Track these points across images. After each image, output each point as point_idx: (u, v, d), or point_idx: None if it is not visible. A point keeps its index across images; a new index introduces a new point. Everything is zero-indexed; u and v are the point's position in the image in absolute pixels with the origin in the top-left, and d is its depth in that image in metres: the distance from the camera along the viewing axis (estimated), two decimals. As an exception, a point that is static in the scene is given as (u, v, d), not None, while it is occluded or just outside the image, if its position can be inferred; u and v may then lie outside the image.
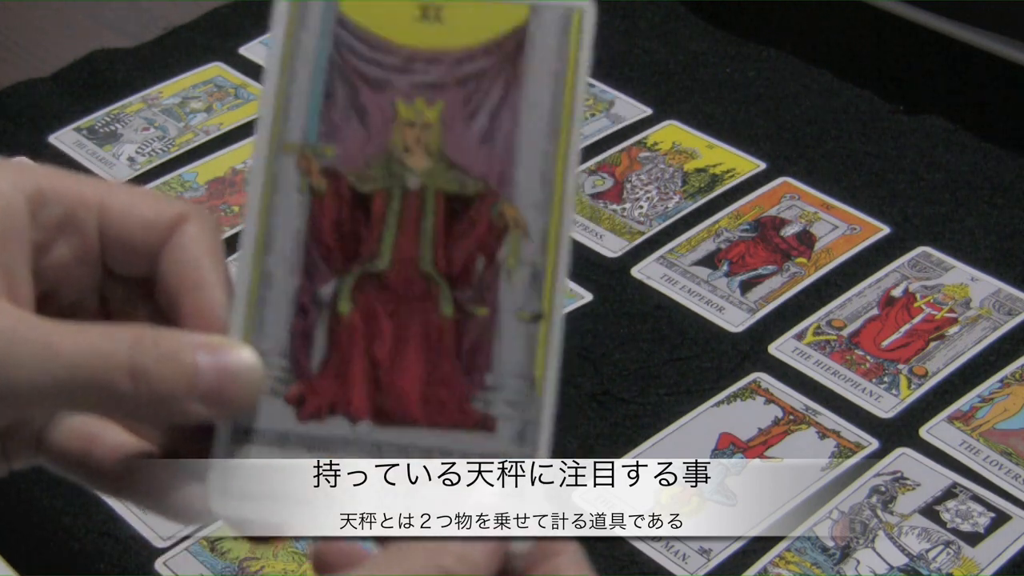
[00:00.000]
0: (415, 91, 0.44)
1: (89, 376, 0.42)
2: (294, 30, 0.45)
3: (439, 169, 0.43)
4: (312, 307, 0.43)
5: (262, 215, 0.43)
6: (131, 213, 0.45)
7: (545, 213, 0.43)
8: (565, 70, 0.44)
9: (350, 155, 0.44)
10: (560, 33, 0.44)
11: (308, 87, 0.44)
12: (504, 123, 0.43)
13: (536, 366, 0.43)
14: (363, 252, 0.43)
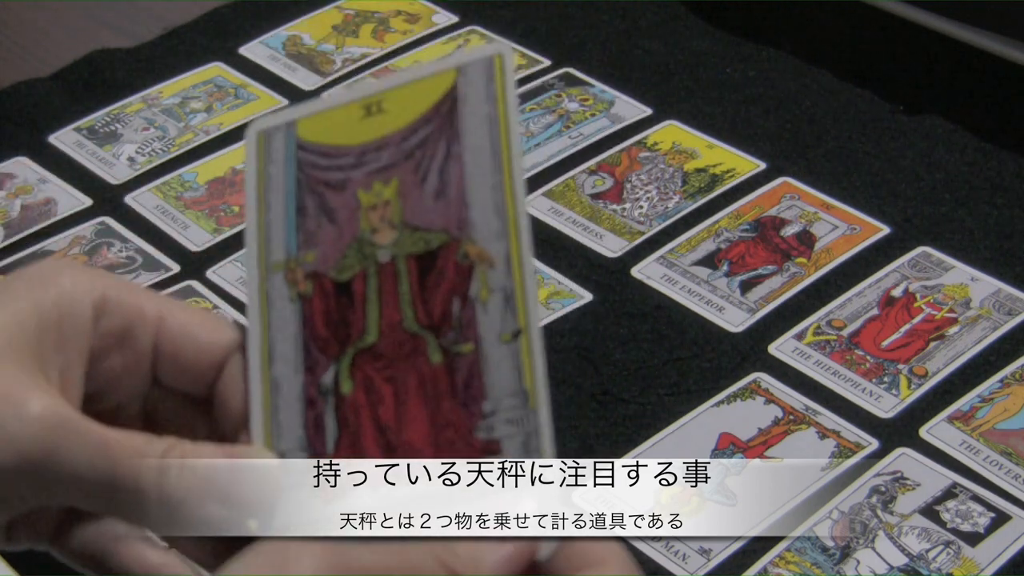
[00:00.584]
0: (371, 177, 0.47)
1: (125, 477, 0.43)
2: (263, 166, 0.48)
3: (404, 236, 0.46)
4: (318, 397, 0.46)
5: (263, 331, 0.47)
6: (187, 336, 0.47)
7: (503, 239, 0.45)
8: (496, 110, 0.46)
9: (327, 253, 0.47)
10: (486, 81, 0.47)
11: (283, 210, 0.48)
12: (452, 175, 0.46)
13: (525, 379, 0.44)
14: (353, 332, 0.46)
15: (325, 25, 1.13)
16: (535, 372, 0.44)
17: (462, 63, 0.47)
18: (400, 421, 0.45)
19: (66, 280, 0.46)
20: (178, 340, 0.47)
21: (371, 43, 1.11)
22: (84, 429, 0.44)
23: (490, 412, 0.44)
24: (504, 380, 0.44)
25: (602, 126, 1.01)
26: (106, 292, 0.46)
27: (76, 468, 0.43)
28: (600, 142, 0.99)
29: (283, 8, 1.15)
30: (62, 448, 0.43)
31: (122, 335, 0.47)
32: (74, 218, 0.96)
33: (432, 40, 1.11)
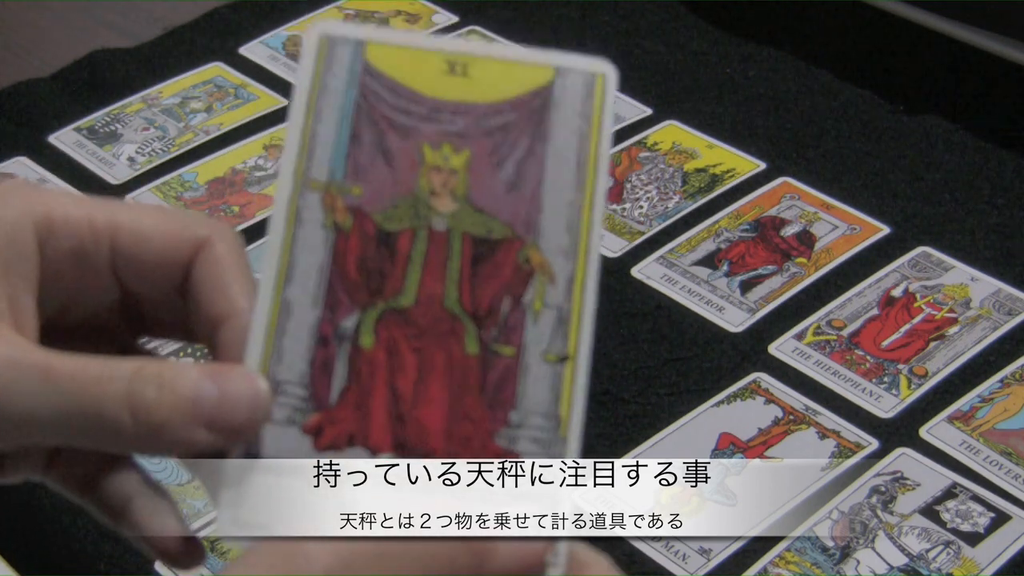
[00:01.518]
0: (442, 138, 0.44)
1: (88, 408, 0.41)
2: (321, 71, 0.45)
3: (465, 213, 0.44)
4: (333, 339, 0.43)
5: (285, 247, 0.43)
6: (144, 239, 0.44)
7: (571, 259, 0.44)
8: (589, 129, 0.45)
9: (376, 195, 0.44)
10: (585, 96, 0.45)
11: (334, 127, 0.44)
12: (530, 173, 0.44)
13: (562, 406, 0.43)
14: (387, 288, 0.44)
15: (325, 25, 1.13)
16: (574, 402, 0.43)
17: (563, 66, 0.45)
18: (417, 395, 0.43)
19: (4, 207, 0.43)
20: (136, 246, 0.44)
21: (371, 43, 1.11)
22: (31, 363, 0.41)
23: (516, 423, 0.43)
24: (539, 397, 0.43)
25: (602, 126, 1.01)
26: (50, 212, 0.44)
27: (27, 406, 0.41)
28: (600, 142, 0.99)
29: (283, 8, 1.15)
30: (8, 387, 0.41)
31: (75, 253, 0.44)
32: (74, 218, 0.96)
33: (432, 40, 1.10)
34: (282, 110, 1.04)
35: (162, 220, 0.45)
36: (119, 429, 0.41)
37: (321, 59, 0.45)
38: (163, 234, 0.44)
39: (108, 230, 0.44)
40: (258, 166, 0.99)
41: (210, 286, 0.44)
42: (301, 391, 0.43)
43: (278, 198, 0.44)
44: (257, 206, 0.96)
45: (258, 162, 1.00)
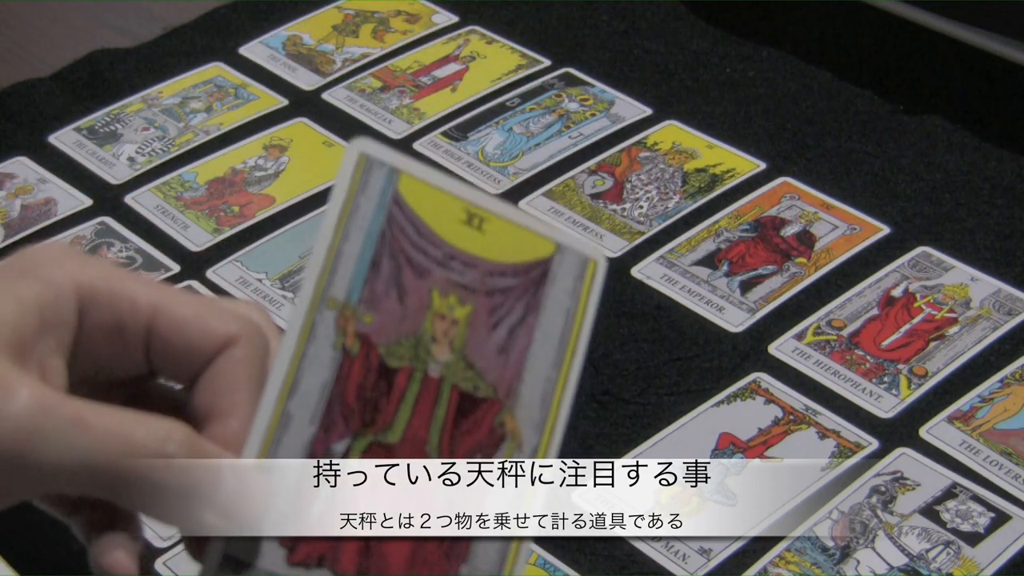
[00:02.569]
0: (450, 287, 0.47)
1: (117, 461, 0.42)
2: (355, 191, 0.47)
3: (459, 366, 0.46)
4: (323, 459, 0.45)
5: (295, 360, 0.45)
6: (180, 331, 0.46)
7: (539, 432, 0.46)
8: (576, 310, 0.49)
9: (385, 327, 0.46)
10: (577, 276, 0.49)
11: (358, 251, 0.46)
12: (520, 341, 0.47)
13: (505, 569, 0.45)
14: (379, 421, 0.46)
15: (325, 25, 1.13)
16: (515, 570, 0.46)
17: (563, 243, 0.49)
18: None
19: (52, 270, 0.45)
20: (171, 332, 0.46)
21: (371, 43, 1.11)
22: (64, 410, 0.42)
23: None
24: (489, 558, 0.45)
25: (602, 126, 1.01)
26: (95, 283, 0.45)
27: (58, 454, 0.42)
28: (600, 142, 0.99)
29: (283, 8, 1.15)
30: (40, 434, 0.42)
31: (112, 327, 0.46)
32: (74, 218, 0.96)
33: (432, 40, 1.11)
34: (283, 110, 1.04)
35: (200, 310, 0.46)
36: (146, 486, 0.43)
37: (357, 178, 0.47)
38: (199, 326, 0.46)
39: (148, 311, 0.46)
40: (258, 166, 0.99)
41: (220, 382, 0.46)
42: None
43: (296, 309, 0.46)
44: (257, 206, 0.96)
45: (258, 162, 1.00)
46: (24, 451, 0.42)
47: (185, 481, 0.43)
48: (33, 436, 0.42)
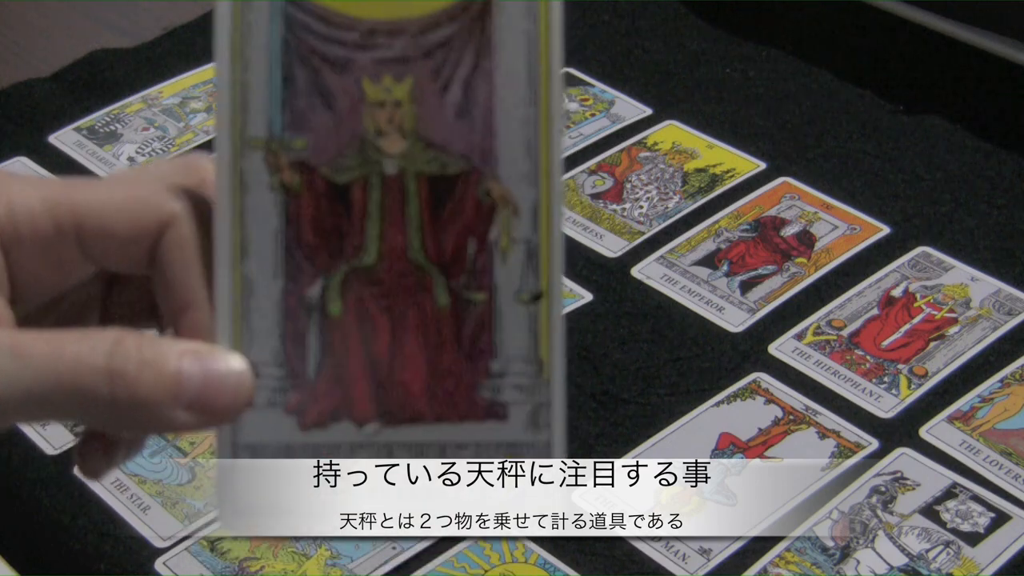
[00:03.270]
0: (381, 68, 0.41)
1: (64, 383, 0.40)
2: (241, 12, 0.41)
3: (417, 150, 0.41)
4: (301, 310, 0.42)
5: (235, 219, 0.41)
6: (110, 231, 0.43)
7: (534, 185, 0.41)
8: (537, 28, 0.41)
9: (321, 145, 0.41)
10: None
11: (265, 74, 0.41)
12: (479, 94, 0.41)
13: (541, 348, 0.41)
14: (348, 247, 0.41)
15: (325, 25, 1.13)
16: (552, 342, 0.41)
17: None
18: (394, 358, 0.42)
19: None
20: (101, 229, 0.43)
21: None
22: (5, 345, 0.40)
23: (498, 373, 0.41)
24: (518, 343, 0.41)
25: (602, 126, 1.01)
26: (12, 207, 0.42)
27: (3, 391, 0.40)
28: (600, 142, 0.99)
29: (283, 8, 1.15)
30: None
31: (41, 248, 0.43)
32: (74, 218, 0.96)
33: (432, 40, 1.10)
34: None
35: (127, 197, 0.43)
36: (99, 404, 0.40)
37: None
38: (126, 214, 0.43)
39: (72, 218, 0.43)
40: (258, 166, 0.99)
41: (172, 272, 0.42)
42: (277, 370, 0.42)
43: (218, 163, 0.41)
44: (257, 206, 0.96)
45: (258, 162, 1.00)
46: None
47: (140, 390, 0.40)
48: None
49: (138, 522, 0.75)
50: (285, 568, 0.72)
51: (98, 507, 0.75)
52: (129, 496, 0.76)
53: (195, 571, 0.72)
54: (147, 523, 0.74)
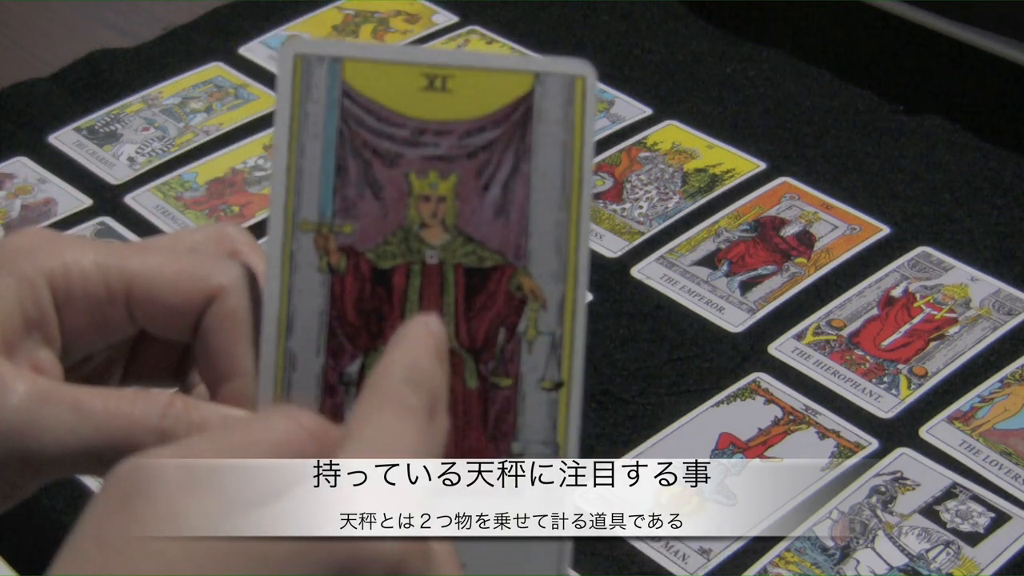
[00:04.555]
0: (427, 164, 0.44)
1: (119, 441, 0.42)
2: (301, 101, 0.44)
3: (457, 243, 0.44)
4: (340, 386, 0.44)
5: (283, 296, 0.43)
6: (159, 300, 0.45)
7: (561, 282, 0.44)
8: (572, 139, 0.44)
9: (368, 232, 0.44)
10: (565, 102, 0.44)
11: (319, 161, 0.44)
12: (517, 194, 0.44)
13: (559, 432, 0.44)
14: (387, 329, 0.44)
15: (325, 25, 1.13)
16: (569, 427, 0.44)
17: (541, 71, 0.44)
18: None
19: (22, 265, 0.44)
20: (149, 298, 0.45)
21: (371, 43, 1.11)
22: (61, 397, 0.42)
23: (518, 453, 0.44)
24: (538, 426, 0.44)
25: (602, 126, 1.01)
26: (67, 270, 0.44)
27: (59, 440, 0.42)
28: (600, 142, 0.99)
29: (283, 8, 1.15)
30: (40, 422, 0.42)
31: (92, 309, 0.45)
32: (74, 218, 0.96)
33: (432, 40, 1.11)
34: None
35: (177, 269, 0.45)
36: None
37: (298, 83, 0.44)
38: (176, 285, 0.45)
39: (122, 283, 0.45)
40: (258, 166, 0.99)
41: (217, 341, 0.45)
42: None
43: (271, 242, 0.43)
44: (257, 206, 0.96)
45: (258, 162, 1.00)
46: (27, 443, 0.42)
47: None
48: (34, 427, 0.42)
49: (138, 522, 0.74)
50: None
51: (98, 507, 0.75)
52: (129, 496, 0.76)
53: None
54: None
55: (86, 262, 0.45)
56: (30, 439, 0.42)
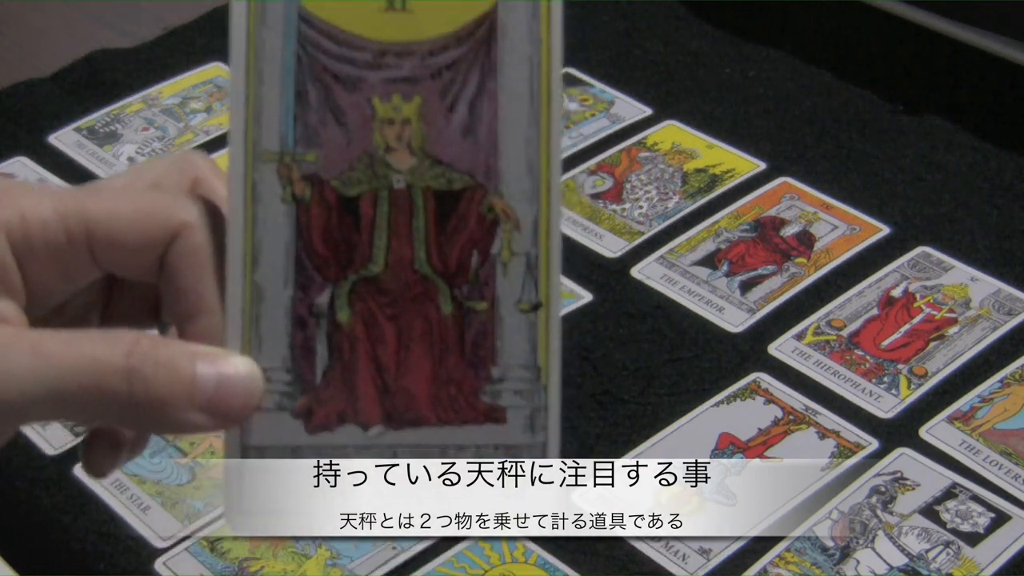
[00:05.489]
0: (390, 87, 0.43)
1: (84, 382, 0.41)
2: (256, 29, 0.43)
3: (424, 166, 0.43)
4: (310, 318, 0.43)
5: (247, 228, 0.43)
6: (121, 240, 0.44)
7: (534, 202, 0.43)
8: (539, 55, 0.43)
9: (332, 159, 0.43)
10: (531, 16, 0.43)
11: (278, 90, 0.43)
12: (484, 113, 0.43)
13: (539, 355, 0.43)
14: (356, 258, 0.43)
15: (325, 25, 1.13)
16: (550, 349, 0.43)
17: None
18: (400, 365, 0.43)
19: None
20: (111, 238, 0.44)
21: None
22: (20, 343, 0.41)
23: (498, 378, 0.43)
24: (517, 350, 0.43)
25: (602, 126, 1.01)
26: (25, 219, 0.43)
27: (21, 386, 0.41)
28: (600, 142, 0.99)
29: (283, 8, 1.15)
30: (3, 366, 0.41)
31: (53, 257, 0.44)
32: (74, 218, 0.96)
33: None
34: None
35: (136, 208, 0.44)
36: (117, 402, 0.41)
37: (253, 9, 0.43)
38: (137, 225, 0.44)
39: (82, 228, 0.44)
40: (258, 166, 0.99)
41: (182, 279, 0.44)
42: (286, 376, 0.43)
43: (232, 175, 0.43)
44: (257, 206, 0.96)
45: (258, 162, 1.00)
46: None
47: (158, 390, 0.41)
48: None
49: (138, 522, 0.75)
50: (285, 568, 0.72)
51: (98, 507, 0.75)
52: (129, 496, 0.76)
53: (195, 571, 0.72)
54: (147, 523, 0.74)
55: (44, 210, 0.43)
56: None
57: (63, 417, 0.44)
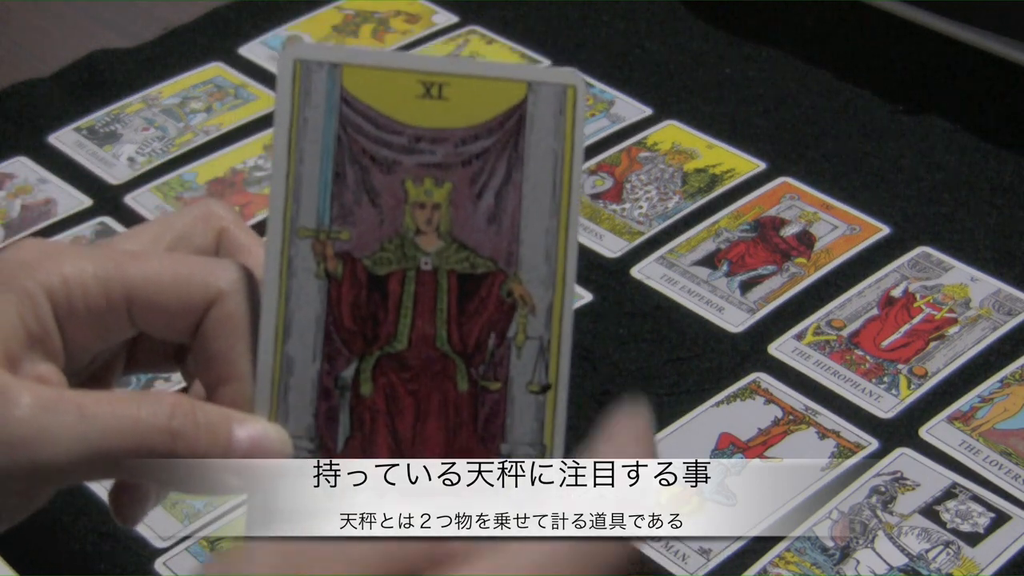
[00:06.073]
0: (423, 171, 0.45)
1: (128, 443, 0.43)
2: (299, 105, 0.45)
3: (450, 250, 0.45)
4: (335, 390, 0.45)
5: (280, 301, 0.44)
6: (160, 306, 0.46)
7: (550, 288, 0.45)
8: (562, 148, 0.45)
9: (364, 238, 0.45)
10: (557, 111, 0.45)
11: (318, 168, 0.45)
12: (509, 203, 0.45)
13: (545, 434, 0.45)
14: (382, 334, 0.45)
15: (325, 25, 1.13)
16: (556, 429, 0.45)
17: (534, 80, 0.46)
18: (416, 437, 0.45)
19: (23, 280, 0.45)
20: (150, 305, 0.46)
21: (371, 43, 1.11)
22: (65, 404, 0.43)
23: (506, 454, 0.45)
24: (525, 428, 0.45)
25: (602, 126, 1.01)
26: (66, 282, 0.45)
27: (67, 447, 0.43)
28: (600, 142, 0.99)
29: (283, 8, 1.15)
30: (46, 430, 0.42)
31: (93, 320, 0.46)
32: (74, 218, 0.96)
33: (432, 40, 1.11)
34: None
35: (176, 274, 0.46)
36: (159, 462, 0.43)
37: (297, 88, 0.45)
38: (176, 292, 0.46)
39: (123, 293, 0.46)
40: (258, 166, 0.99)
41: (217, 345, 0.46)
42: (309, 444, 0.45)
43: (269, 248, 0.45)
44: (257, 206, 0.96)
45: (258, 162, 1.00)
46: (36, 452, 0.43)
47: (196, 450, 0.43)
48: (41, 436, 0.42)
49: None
50: (285, 568, 0.72)
51: (98, 507, 0.75)
52: (129, 496, 0.76)
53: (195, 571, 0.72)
54: (147, 523, 0.74)
55: (86, 275, 0.45)
56: (39, 448, 0.43)
57: (103, 476, 0.46)
